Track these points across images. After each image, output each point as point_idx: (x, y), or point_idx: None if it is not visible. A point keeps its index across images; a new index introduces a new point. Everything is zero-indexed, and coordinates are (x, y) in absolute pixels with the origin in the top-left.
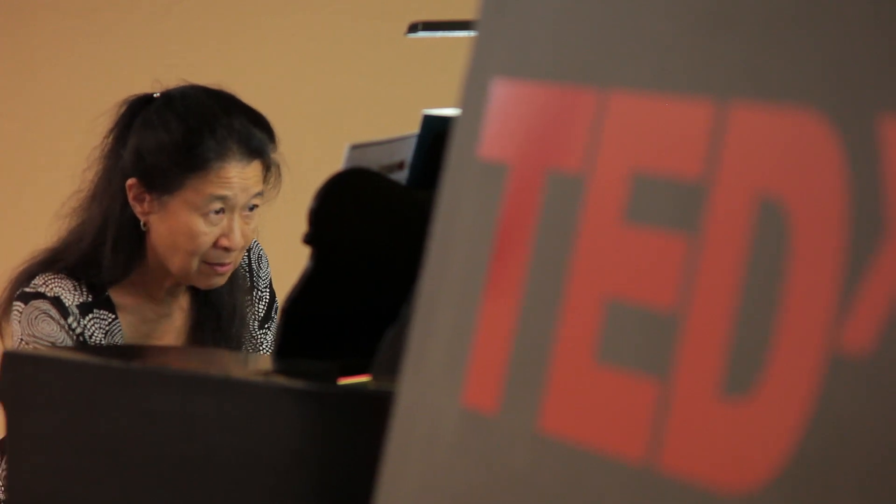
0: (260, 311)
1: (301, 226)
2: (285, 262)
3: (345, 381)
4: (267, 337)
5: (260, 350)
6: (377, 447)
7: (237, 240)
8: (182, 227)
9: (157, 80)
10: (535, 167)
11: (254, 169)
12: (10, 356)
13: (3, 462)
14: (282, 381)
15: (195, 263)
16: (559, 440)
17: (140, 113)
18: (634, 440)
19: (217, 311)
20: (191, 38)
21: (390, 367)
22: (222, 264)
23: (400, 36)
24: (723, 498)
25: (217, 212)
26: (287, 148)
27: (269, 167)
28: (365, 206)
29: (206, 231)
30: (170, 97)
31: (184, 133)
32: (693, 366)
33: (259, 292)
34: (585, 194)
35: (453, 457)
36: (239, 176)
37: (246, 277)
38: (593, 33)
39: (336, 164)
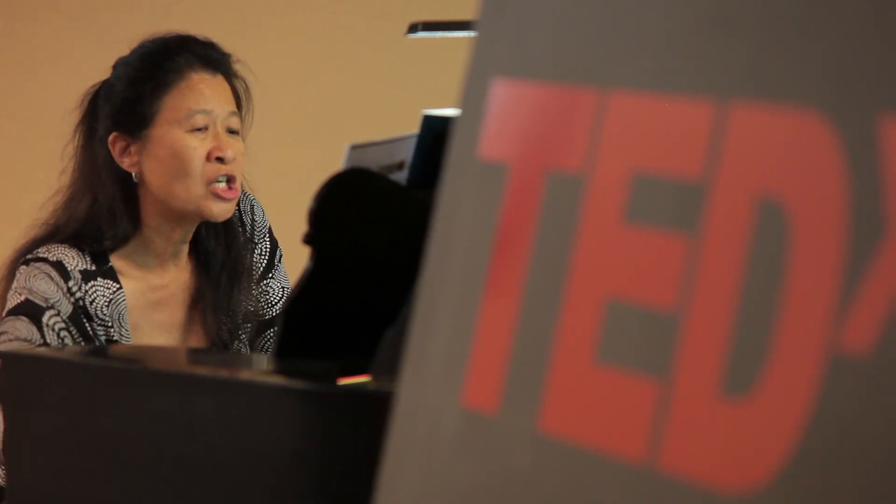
0: (261, 262)
1: (301, 226)
2: (285, 262)
3: (345, 381)
4: (270, 287)
5: (262, 302)
6: (377, 447)
7: (228, 150)
8: (170, 149)
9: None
10: (535, 167)
11: (220, 83)
12: (10, 356)
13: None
14: (282, 381)
15: (197, 188)
16: (559, 440)
17: (101, 90)
18: (634, 440)
19: (217, 273)
20: None
21: (390, 367)
22: (225, 183)
23: (400, 36)
24: (723, 498)
25: (200, 129)
26: (287, 148)
27: (236, 90)
28: (365, 207)
29: (195, 145)
30: (123, 56)
31: (146, 61)
32: (693, 366)
33: (254, 244)
34: (585, 194)
35: (453, 457)
36: (209, 86)
37: (240, 232)
38: (593, 33)
39: (336, 164)
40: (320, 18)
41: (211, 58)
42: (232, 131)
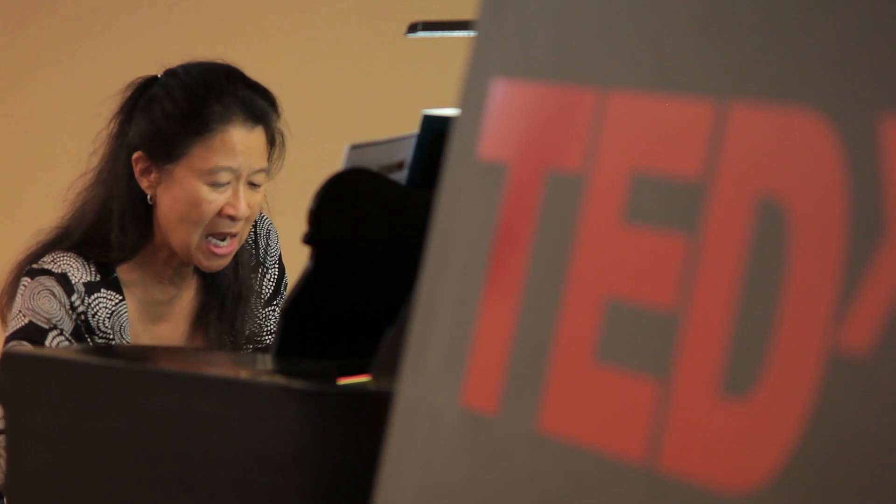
0: (267, 288)
1: (301, 226)
2: (285, 262)
3: (345, 381)
4: (274, 314)
5: (265, 328)
6: (377, 447)
7: (242, 208)
8: (187, 195)
9: (163, 65)
10: (535, 167)
11: (257, 137)
12: (10, 356)
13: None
14: (282, 381)
15: (197, 237)
16: (559, 440)
17: (145, 92)
18: (634, 440)
19: (223, 292)
20: (191, 39)
21: (390, 367)
22: (224, 239)
23: (400, 36)
24: (723, 498)
25: (222, 184)
26: (287, 148)
27: (272, 139)
28: (365, 206)
29: (211, 199)
30: (173, 72)
31: (188, 99)
32: (693, 365)
33: (265, 269)
34: (585, 194)
35: (453, 457)
36: (243, 142)
37: (252, 255)
38: (593, 33)
39: (336, 164)
40: (320, 18)
41: (254, 107)
42: (254, 184)
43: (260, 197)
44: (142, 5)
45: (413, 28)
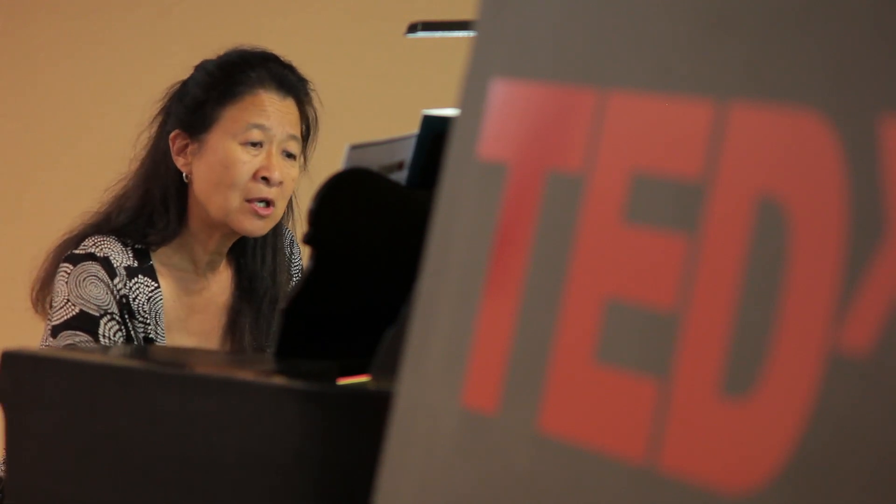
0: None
1: (301, 226)
2: None
3: (345, 381)
4: None
5: None
6: (377, 447)
7: (276, 172)
8: (221, 158)
9: (164, 66)
10: (535, 167)
11: (289, 106)
12: (10, 356)
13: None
14: (282, 381)
15: (235, 200)
16: (559, 440)
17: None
18: (634, 440)
19: (260, 296)
20: (191, 39)
21: (390, 367)
22: (264, 203)
23: (400, 36)
24: (723, 498)
25: (255, 144)
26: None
27: (304, 114)
28: (365, 207)
29: (245, 160)
30: (208, 59)
31: (222, 69)
32: (693, 365)
33: (290, 276)
34: (585, 194)
35: (453, 457)
36: (274, 106)
37: (286, 259)
38: (593, 33)
39: (336, 164)
40: (320, 18)
41: (285, 80)
42: (289, 155)
43: (295, 171)
44: (142, 5)
45: (413, 28)
